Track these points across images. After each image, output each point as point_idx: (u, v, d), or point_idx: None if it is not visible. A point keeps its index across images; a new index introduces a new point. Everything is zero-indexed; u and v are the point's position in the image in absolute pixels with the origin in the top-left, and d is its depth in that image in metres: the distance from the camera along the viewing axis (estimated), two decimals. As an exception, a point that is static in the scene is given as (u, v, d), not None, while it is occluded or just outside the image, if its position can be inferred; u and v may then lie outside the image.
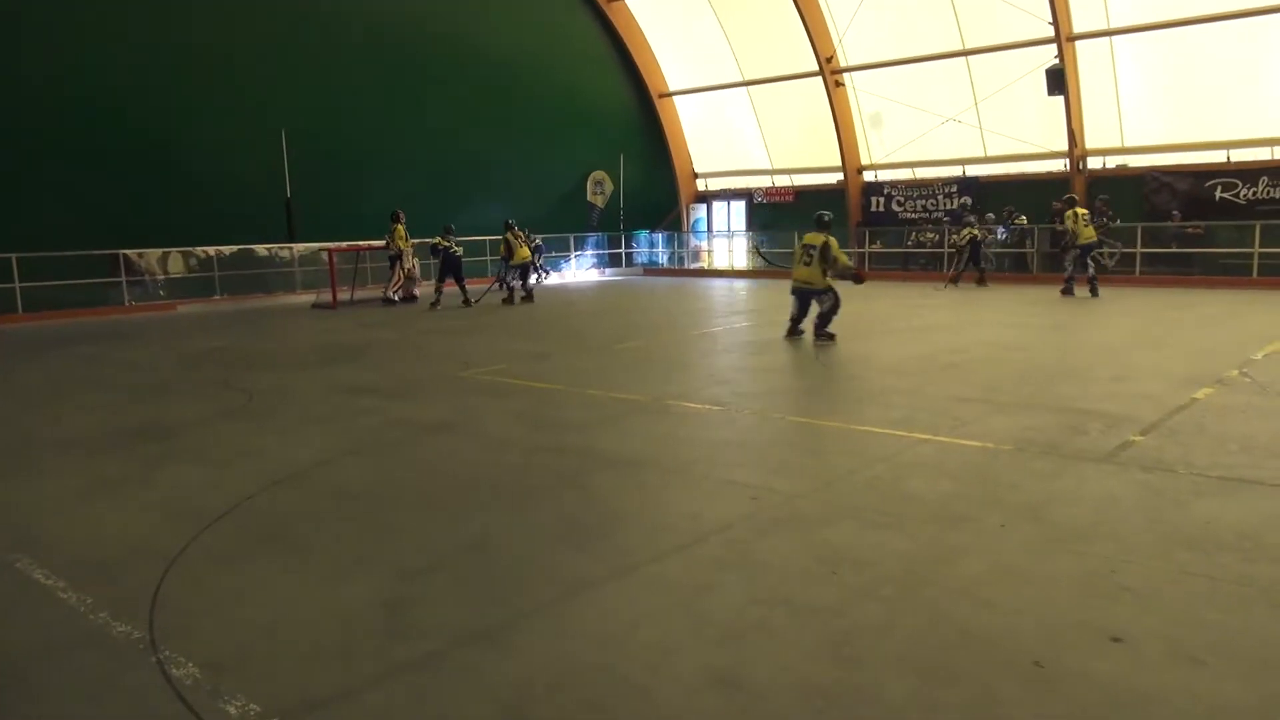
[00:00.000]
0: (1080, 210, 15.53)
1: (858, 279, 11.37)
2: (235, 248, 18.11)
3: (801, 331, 11.03)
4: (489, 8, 22.00)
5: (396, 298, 17.34)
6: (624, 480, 5.33)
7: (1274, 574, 3.67)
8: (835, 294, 10.67)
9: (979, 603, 3.47)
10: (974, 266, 18.69)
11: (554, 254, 23.90)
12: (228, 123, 17.57)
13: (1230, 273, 17.47)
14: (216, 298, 17.74)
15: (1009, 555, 3.95)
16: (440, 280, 16.77)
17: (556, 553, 4.12)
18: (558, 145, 24.04)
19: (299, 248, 18.97)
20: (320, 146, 18.80)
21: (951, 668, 2.97)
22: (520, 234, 16.99)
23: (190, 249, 17.67)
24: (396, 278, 17.41)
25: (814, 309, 10.81)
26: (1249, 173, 18.00)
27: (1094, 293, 15.50)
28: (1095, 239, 15.80)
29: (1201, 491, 4.75)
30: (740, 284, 21.82)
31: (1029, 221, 20.12)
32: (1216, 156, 18.53)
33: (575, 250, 25.08)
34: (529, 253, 17.26)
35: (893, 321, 12.96)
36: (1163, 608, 3.39)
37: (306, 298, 18.19)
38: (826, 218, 10.76)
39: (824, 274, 10.61)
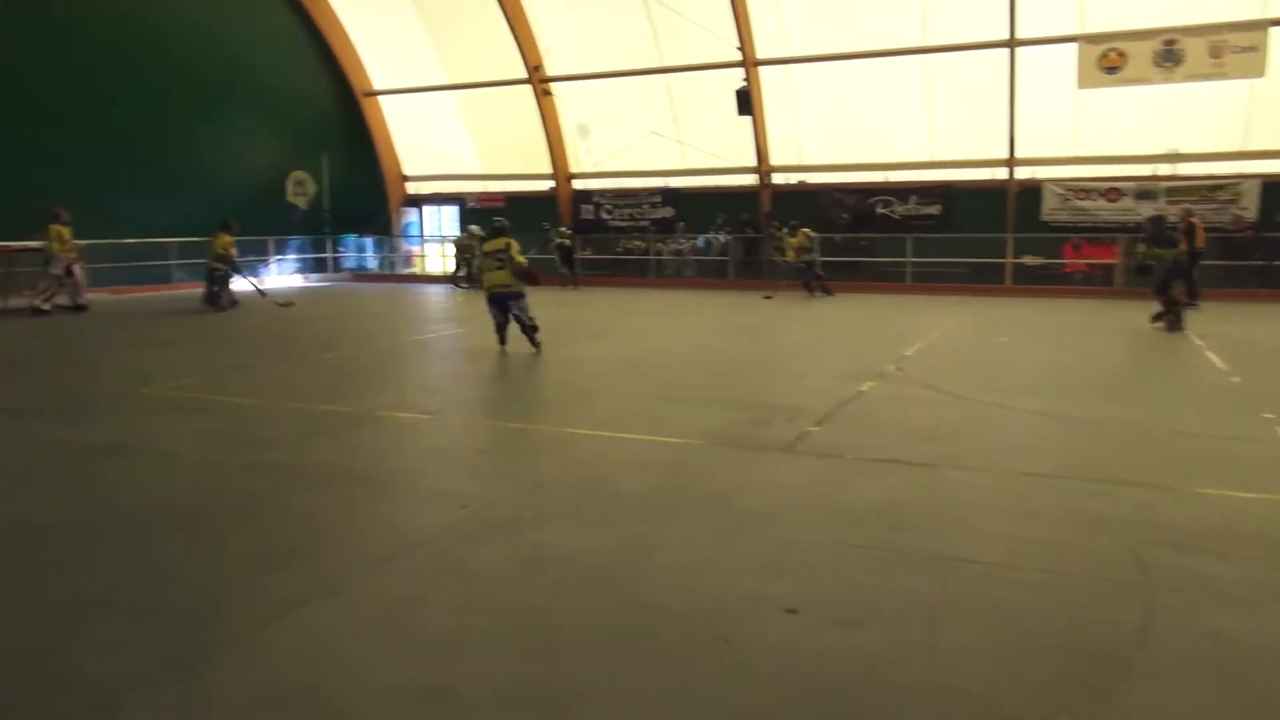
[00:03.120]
0: (805, 232, 18.24)
1: (533, 280, 10.97)
2: None
3: (505, 341, 10.65)
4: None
5: (48, 307, 15.25)
6: (329, 496, 5.12)
7: (910, 539, 4.27)
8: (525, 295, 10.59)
9: (674, 589, 3.72)
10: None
11: (251, 257, 22.23)
12: None
13: (888, 279, 19.93)
14: None
15: (701, 543, 4.27)
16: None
17: (255, 576, 3.88)
18: (255, 142, 22.36)
19: (-72, 253, 16.13)
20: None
21: (650, 653, 3.17)
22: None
23: None
24: (49, 285, 15.28)
25: (514, 319, 10.53)
26: (902, 191, 20.67)
27: (808, 289, 18.37)
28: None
29: (861, 473, 5.41)
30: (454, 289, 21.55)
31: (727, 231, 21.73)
32: (878, 177, 21.08)
33: (276, 254, 23.45)
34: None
35: (604, 325, 13.44)
36: (828, 577, 3.84)
37: (-61, 309, 15.54)
38: (503, 223, 10.92)
39: (514, 276, 10.45)
